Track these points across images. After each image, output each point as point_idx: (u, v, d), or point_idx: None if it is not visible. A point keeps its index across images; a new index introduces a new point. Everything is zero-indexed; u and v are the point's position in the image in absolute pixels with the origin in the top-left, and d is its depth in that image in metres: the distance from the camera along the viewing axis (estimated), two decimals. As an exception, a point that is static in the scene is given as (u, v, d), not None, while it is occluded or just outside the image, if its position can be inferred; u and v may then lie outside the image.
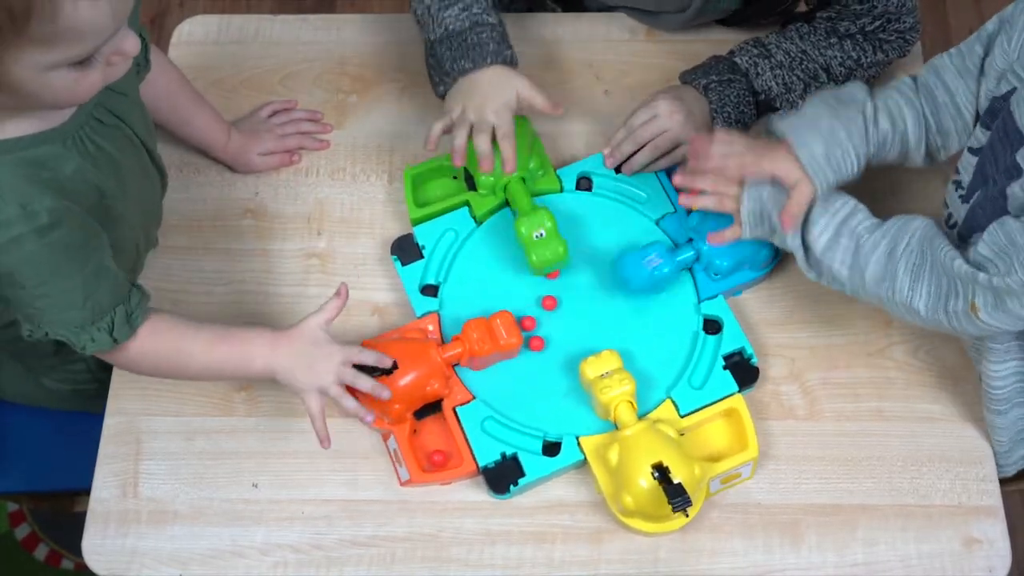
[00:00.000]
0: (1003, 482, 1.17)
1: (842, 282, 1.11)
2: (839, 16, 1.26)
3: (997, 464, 1.17)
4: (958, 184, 1.10)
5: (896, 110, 1.14)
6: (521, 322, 1.20)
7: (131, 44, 0.90)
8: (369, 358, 1.10)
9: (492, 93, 1.20)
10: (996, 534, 1.13)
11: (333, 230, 1.30)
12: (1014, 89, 1.02)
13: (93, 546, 1.14)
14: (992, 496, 1.15)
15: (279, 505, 1.16)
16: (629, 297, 1.22)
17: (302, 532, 1.14)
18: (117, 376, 1.22)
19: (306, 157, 1.35)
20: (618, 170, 1.29)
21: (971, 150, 1.08)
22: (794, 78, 1.27)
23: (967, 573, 1.12)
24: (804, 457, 1.17)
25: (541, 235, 1.19)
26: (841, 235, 1.09)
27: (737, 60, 1.27)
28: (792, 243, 1.12)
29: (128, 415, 1.20)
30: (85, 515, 1.16)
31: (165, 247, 1.29)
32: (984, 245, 1.01)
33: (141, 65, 1.15)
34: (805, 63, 1.27)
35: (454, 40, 1.21)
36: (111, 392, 1.21)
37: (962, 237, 1.08)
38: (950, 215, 1.12)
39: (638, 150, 1.26)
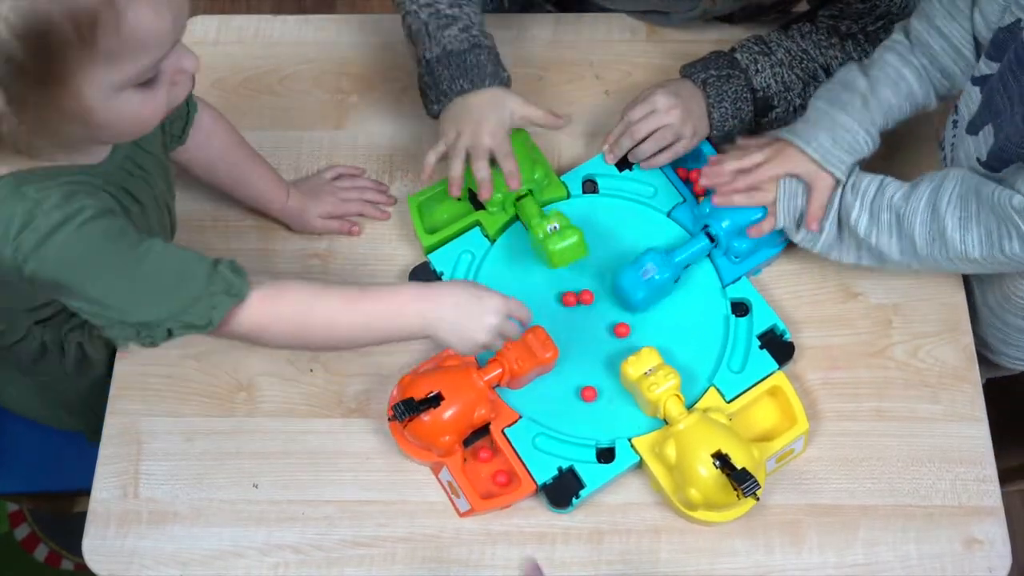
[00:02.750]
0: (1003, 482, 1.17)
1: (891, 256, 1.12)
2: (841, 15, 1.26)
3: (1010, 358, 1.23)
4: (955, 108, 1.13)
5: (895, 74, 1.15)
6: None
7: (190, 61, 0.92)
8: (523, 312, 1.06)
9: (486, 115, 1.19)
10: (996, 535, 1.13)
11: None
12: (1018, 20, 1.02)
13: (93, 546, 1.14)
14: (992, 496, 1.15)
15: (279, 506, 1.16)
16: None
17: (303, 533, 1.14)
18: (117, 377, 1.22)
19: (306, 158, 1.35)
20: (620, 166, 1.29)
21: (973, 80, 1.09)
22: (793, 77, 1.27)
23: (967, 573, 1.12)
24: (804, 457, 1.17)
25: (555, 228, 1.19)
26: (881, 211, 1.11)
27: (737, 56, 1.28)
28: (814, 239, 1.16)
29: (128, 415, 1.20)
30: (85, 515, 1.16)
31: (165, 247, 1.29)
32: None
33: (176, 136, 1.15)
34: (805, 62, 1.27)
35: (453, 60, 1.20)
36: (111, 393, 1.21)
37: (991, 167, 1.09)
38: (943, 149, 1.16)
39: (635, 144, 1.27)
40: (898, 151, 1.27)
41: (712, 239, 1.21)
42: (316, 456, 1.17)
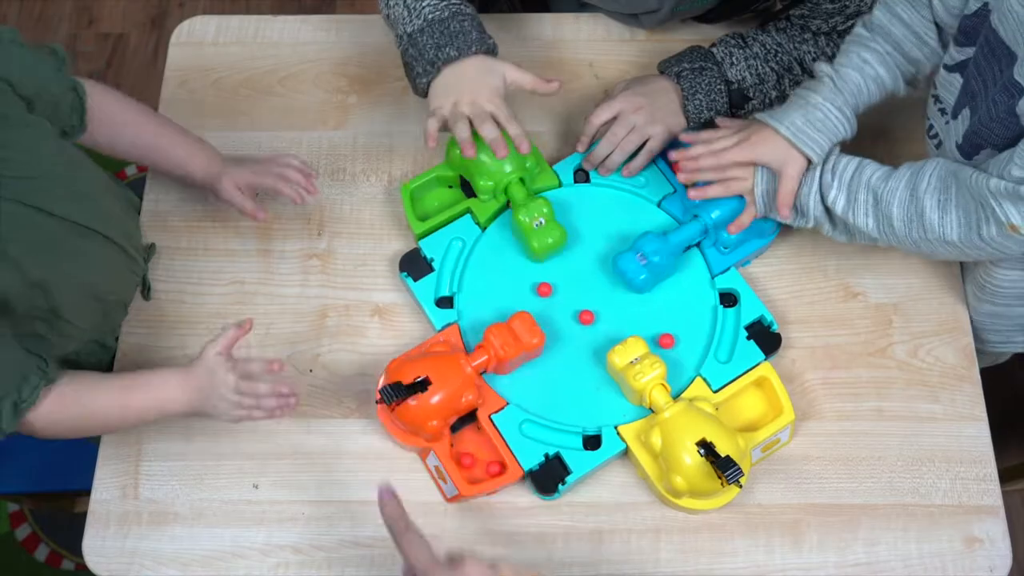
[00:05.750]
0: (1003, 481, 1.17)
1: (870, 234, 1.12)
2: (811, 14, 1.26)
3: (993, 343, 1.24)
4: (937, 99, 1.14)
5: (859, 60, 1.16)
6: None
7: None
8: (256, 367, 1.10)
9: (480, 82, 1.18)
10: (997, 533, 1.13)
11: (333, 230, 1.30)
12: (986, 5, 1.04)
13: (93, 547, 1.14)
14: (992, 495, 1.15)
15: (280, 506, 1.16)
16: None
17: (303, 533, 1.15)
18: (117, 377, 1.22)
19: (306, 158, 1.34)
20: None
21: (947, 67, 1.11)
22: (768, 69, 1.27)
23: (968, 572, 1.12)
24: (804, 457, 1.17)
25: (541, 223, 1.20)
26: (857, 191, 1.12)
27: (714, 50, 1.28)
28: (805, 219, 1.16)
29: (128, 416, 1.20)
30: (85, 516, 1.16)
31: (165, 247, 1.29)
32: (1017, 168, 1.00)
33: (76, 127, 1.13)
34: (780, 55, 1.27)
35: (436, 28, 1.19)
36: (111, 393, 1.21)
37: (965, 153, 1.09)
38: (931, 127, 1.16)
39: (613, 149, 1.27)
40: (891, 143, 1.28)
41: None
42: (316, 456, 1.17)
